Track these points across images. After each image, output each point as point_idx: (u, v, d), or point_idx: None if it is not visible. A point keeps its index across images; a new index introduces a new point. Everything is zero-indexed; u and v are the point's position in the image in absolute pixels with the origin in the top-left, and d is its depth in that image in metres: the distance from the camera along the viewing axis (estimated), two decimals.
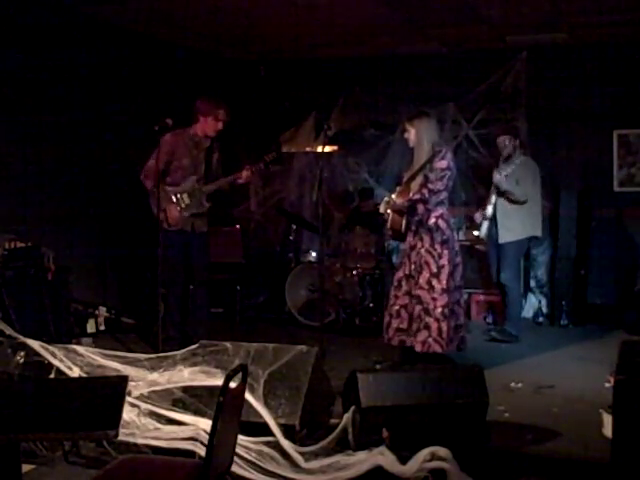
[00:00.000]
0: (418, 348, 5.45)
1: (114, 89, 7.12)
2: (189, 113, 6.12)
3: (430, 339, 5.42)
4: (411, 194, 5.52)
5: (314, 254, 7.99)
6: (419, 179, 5.51)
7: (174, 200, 6.01)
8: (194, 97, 6.24)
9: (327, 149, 7.23)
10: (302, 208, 8.52)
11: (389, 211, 5.61)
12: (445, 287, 5.45)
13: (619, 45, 7.65)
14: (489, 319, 7.63)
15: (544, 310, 7.88)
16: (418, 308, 5.48)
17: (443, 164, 5.49)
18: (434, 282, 5.46)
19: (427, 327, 5.43)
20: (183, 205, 6.03)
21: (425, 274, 5.48)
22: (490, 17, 6.81)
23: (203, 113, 6.03)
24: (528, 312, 7.94)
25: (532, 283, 8.04)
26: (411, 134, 5.58)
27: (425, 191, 5.48)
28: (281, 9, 6.57)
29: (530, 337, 7.06)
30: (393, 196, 5.60)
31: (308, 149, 8.49)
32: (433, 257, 5.49)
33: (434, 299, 5.45)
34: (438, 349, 5.42)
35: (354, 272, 7.42)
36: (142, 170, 6.01)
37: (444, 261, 5.48)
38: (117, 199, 7.16)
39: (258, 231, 8.69)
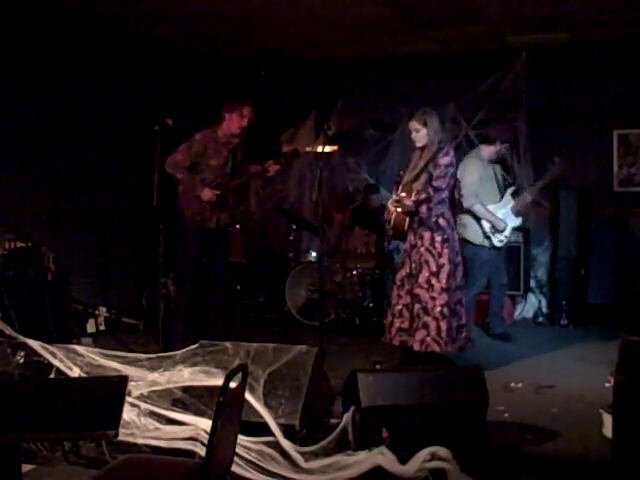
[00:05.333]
0: (416, 347, 5.44)
1: (114, 89, 7.12)
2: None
3: (428, 338, 5.42)
4: (414, 194, 5.48)
5: (314, 254, 7.98)
6: (423, 178, 5.48)
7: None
8: (194, 97, 6.25)
9: (327, 149, 7.23)
10: (302, 208, 8.52)
11: (399, 209, 5.56)
12: (445, 286, 5.43)
13: (619, 45, 7.65)
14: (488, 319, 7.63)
15: (544, 310, 7.87)
16: (417, 307, 5.47)
17: (446, 160, 5.46)
18: (433, 281, 5.45)
19: (425, 326, 5.42)
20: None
21: (425, 273, 5.47)
22: (490, 17, 6.81)
23: (228, 110, 6.04)
24: (528, 312, 7.94)
25: (532, 283, 8.03)
26: (421, 133, 5.49)
27: (430, 190, 5.45)
28: (281, 9, 6.57)
29: (530, 337, 7.07)
30: (403, 194, 5.52)
31: (308, 149, 8.49)
32: (433, 256, 5.47)
33: (433, 298, 5.43)
34: (436, 348, 5.41)
35: (354, 272, 7.42)
36: (166, 162, 5.95)
37: (444, 260, 5.47)
38: (117, 199, 7.16)
39: (258, 231, 8.69)
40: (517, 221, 6.61)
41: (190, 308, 6.19)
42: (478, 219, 6.41)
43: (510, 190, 6.63)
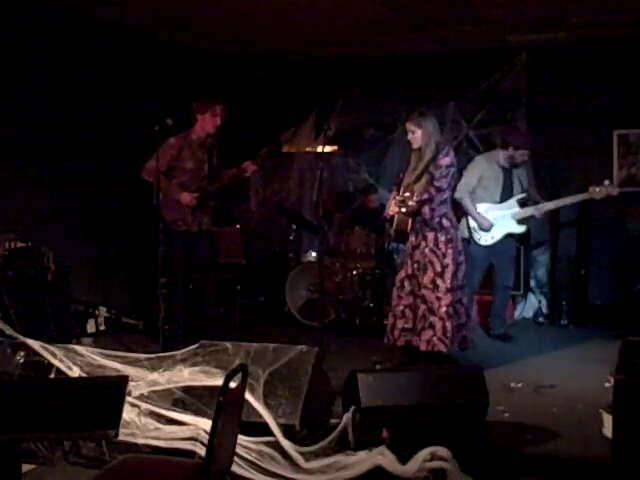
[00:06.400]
0: (423, 347, 5.44)
1: (114, 89, 7.12)
2: (189, 114, 6.14)
3: (435, 338, 5.42)
4: (416, 194, 5.49)
5: (314, 254, 7.98)
6: (424, 179, 5.49)
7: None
8: (194, 97, 6.26)
9: (327, 149, 7.23)
10: (302, 208, 8.53)
11: (403, 210, 5.57)
12: (449, 286, 5.44)
13: (619, 45, 7.65)
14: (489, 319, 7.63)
15: (544, 310, 7.87)
16: (423, 307, 5.47)
17: (447, 161, 5.47)
18: (438, 281, 5.45)
19: (432, 326, 5.42)
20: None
21: (429, 273, 5.47)
22: (490, 17, 6.81)
23: (200, 111, 6.10)
24: (528, 312, 7.93)
25: (532, 283, 8.03)
26: (417, 135, 5.50)
27: (432, 190, 5.45)
28: (281, 9, 6.57)
29: (530, 337, 7.07)
30: (407, 194, 5.50)
31: (308, 149, 8.49)
32: (437, 256, 5.48)
33: (438, 298, 5.44)
34: (442, 348, 5.41)
35: (354, 272, 7.42)
36: (144, 169, 6.04)
37: (448, 260, 5.47)
38: (117, 199, 7.16)
39: (258, 231, 8.69)
40: (517, 228, 6.59)
41: (184, 310, 6.24)
42: (467, 214, 6.49)
43: (519, 196, 6.59)
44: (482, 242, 6.52)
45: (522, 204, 6.58)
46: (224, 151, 6.55)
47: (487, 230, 6.48)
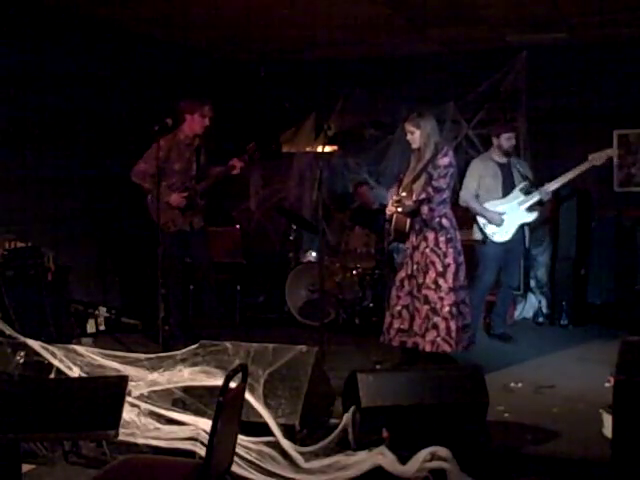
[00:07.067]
0: (428, 348, 5.43)
1: (114, 89, 7.12)
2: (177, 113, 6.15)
3: (439, 339, 5.41)
4: (414, 194, 5.50)
5: (314, 254, 7.98)
6: (423, 179, 5.49)
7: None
8: (194, 97, 6.27)
9: (327, 149, 7.23)
10: (302, 208, 8.52)
11: (400, 209, 5.57)
12: (452, 286, 5.44)
13: (619, 45, 7.66)
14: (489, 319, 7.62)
15: (544, 310, 7.86)
16: (425, 308, 5.46)
17: (446, 161, 5.47)
18: (440, 281, 5.45)
19: (435, 327, 5.42)
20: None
21: (431, 274, 5.47)
22: (490, 17, 6.81)
23: (189, 112, 6.09)
24: (528, 312, 7.93)
25: (532, 283, 8.03)
26: (416, 135, 5.51)
27: (430, 189, 5.46)
28: (281, 9, 6.57)
29: (530, 337, 7.06)
30: (404, 194, 5.52)
31: (308, 149, 8.49)
32: (438, 256, 5.47)
33: (441, 298, 5.43)
34: (447, 349, 5.41)
35: (354, 272, 7.42)
36: (133, 172, 6.08)
37: (449, 260, 5.47)
38: (117, 199, 7.16)
39: (258, 231, 8.69)
40: (529, 216, 6.54)
41: (183, 310, 6.25)
42: (475, 215, 6.47)
43: (520, 186, 6.58)
44: (497, 239, 6.44)
45: (526, 192, 6.56)
46: (224, 151, 6.55)
47: (499, 224, 6.42)
